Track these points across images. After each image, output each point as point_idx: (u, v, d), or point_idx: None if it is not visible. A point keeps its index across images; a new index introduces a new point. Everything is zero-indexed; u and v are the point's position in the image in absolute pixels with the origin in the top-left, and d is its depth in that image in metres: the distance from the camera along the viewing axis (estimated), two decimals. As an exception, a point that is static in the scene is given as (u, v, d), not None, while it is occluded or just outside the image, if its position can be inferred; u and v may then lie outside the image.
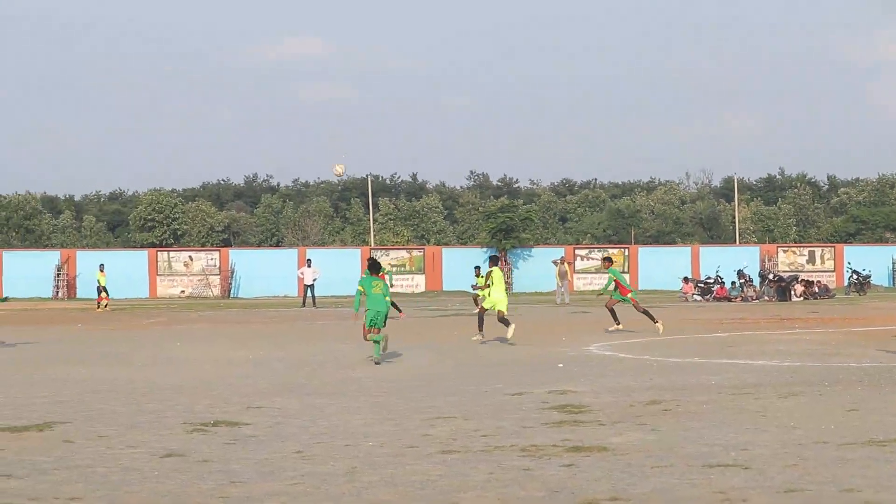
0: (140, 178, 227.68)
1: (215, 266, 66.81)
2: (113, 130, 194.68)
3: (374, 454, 9.89)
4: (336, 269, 63.35)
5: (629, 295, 26.56)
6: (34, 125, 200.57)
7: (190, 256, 67.82)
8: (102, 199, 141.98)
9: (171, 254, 68.18)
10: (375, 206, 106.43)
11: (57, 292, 61.93)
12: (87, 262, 62.78)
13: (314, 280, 48.26)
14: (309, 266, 48.80)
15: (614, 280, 26.79)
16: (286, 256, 68.06)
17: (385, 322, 19.59)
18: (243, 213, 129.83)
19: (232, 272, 66.11)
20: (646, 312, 26.38)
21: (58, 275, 62.49)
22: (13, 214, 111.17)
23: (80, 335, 28.62)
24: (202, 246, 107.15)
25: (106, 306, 46.00)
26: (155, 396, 14.35)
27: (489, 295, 24.02)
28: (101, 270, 47.18)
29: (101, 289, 46.64)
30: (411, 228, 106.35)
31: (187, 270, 66.79)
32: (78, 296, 62.16)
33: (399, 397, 14.14)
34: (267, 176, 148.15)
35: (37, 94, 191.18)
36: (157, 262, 65.71)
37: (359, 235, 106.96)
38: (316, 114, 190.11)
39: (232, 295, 65.13)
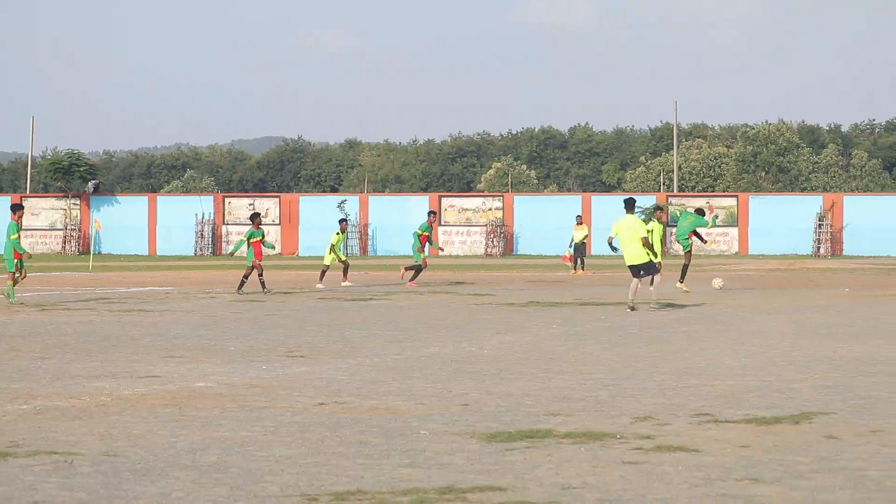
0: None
1: None
2: None
3: None
4: None
5: None
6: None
7: None
8: (877, 130, 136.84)
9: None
10: None
11: (819, 248, 60.99)
12: (856, 210, 61.69)
13: None
14: None
15: None
16: None
17: None
18: None
19: None
20: None
21: (819, 226, 61.96)
22: (762, 149, 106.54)
23: (845, 301, 27.84)
24: None
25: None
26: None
27: None
28: None
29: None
30: None
31: None
32: (846, 252, 60.99)
33: None
34: None
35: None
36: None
37: None
38: None
39: None
